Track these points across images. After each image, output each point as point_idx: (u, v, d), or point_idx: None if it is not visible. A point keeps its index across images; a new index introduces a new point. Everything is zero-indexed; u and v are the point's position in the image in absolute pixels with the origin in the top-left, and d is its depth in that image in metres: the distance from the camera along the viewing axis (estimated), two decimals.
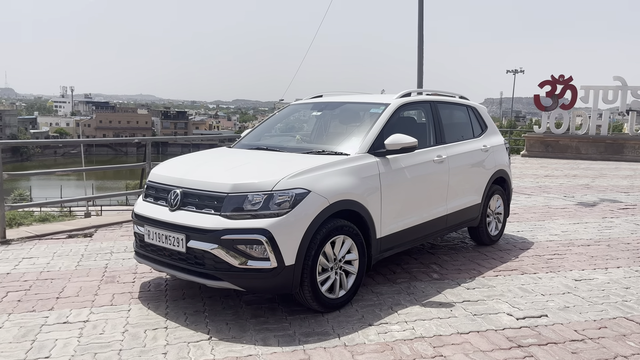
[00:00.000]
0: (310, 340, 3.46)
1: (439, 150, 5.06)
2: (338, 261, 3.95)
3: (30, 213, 12.08)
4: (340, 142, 4.55)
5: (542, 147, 18.51)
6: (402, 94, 5.01)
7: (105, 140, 9.32)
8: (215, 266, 3.61)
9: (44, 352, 3.26)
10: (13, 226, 7.22)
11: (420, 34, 11.42)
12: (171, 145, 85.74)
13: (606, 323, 3.86)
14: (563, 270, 5.09)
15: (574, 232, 6.73)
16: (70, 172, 50.68)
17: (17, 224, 7.58)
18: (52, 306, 3.98)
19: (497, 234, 6.09)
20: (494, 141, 6.00)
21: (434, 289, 4.49)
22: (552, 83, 18.54)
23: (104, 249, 5.60)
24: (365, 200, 4.11)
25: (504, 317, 3.91)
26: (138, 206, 4.22)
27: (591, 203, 9.00)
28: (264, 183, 3.67)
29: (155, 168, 4.44)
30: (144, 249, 4.10)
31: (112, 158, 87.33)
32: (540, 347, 3.43)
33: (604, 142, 17.88)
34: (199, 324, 3.69)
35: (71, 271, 4.82)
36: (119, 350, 3.28)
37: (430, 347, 3.39)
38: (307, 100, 5.58)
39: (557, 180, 12.04)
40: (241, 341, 3.43)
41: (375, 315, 3.88)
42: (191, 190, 3.84)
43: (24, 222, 7.99)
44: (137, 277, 4.68)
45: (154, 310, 3.93)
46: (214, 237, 3.56)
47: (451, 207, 5.18)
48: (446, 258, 5.43)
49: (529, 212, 8.07)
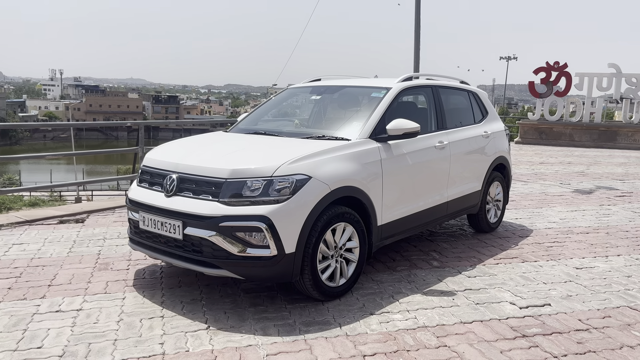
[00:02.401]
0: (311, 329, 3.38)
1: (440, 136, 4.96)
2: (339, 249, 3.86)
3: (19, 197, 11.90)
4: (341, 127, 4.43)
5: (535, 134, 18.47)
6: (403, 78, 4.88)
7: (96, 124, 9.11)
8: (213, 254, 3.51)
9: (36, 342, 3.15)
10: (2, 211, 7.06)
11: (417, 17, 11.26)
12: (162, 130, 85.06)
13: (610, 312, 3.80)
14: (564, 258, 5.04)
15: (572, 220, 6.68)
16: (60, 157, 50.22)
17: (6, 208, 7.43)
18: (44, 294, 3.87)
19: (496, 221, 6.02)
20: (495, 127, 5.91)
21: (434, 277, 4.42)
22: (547, 70, 18.45)
23: (96, 235, 5.47)
24: (367, 187, 4.00)
25: (507, 306, 3.85)
26: (132, 191, 4.09)
27: (587, 190, 8.97)
28: (264, 168, 3.55)
29: (150, 152, 4.31)
30: (138, 235, 3.98)
31: (102, 142, 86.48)
32: (545, 337, 3.38)
33: (597, 129, 17.87)
34: (197, 312, 3.60)
35: (63, 258, 4.70)
36: (114, 340, 3.18)
37: (433, 337, 3.32)
38: (305, 84, 5.44)
39: (552, 167, 12.01)
40: (240, 331, 3.34)
41: (377, 304, 3.80)
42: (188, 175, 3.72)
43: (14, 206, 7.83)
44: (131, 264, 4.56)
45: (149, 299, 3.82)
46: (212, 223, 3.45)
47: (452, 194, 5.09)
48: (445, 245, 5.36)
49: (526, 199, 8.01)
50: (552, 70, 18.41)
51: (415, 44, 11.34)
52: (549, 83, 18.46)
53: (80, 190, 25.60)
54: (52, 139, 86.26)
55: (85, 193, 25.56)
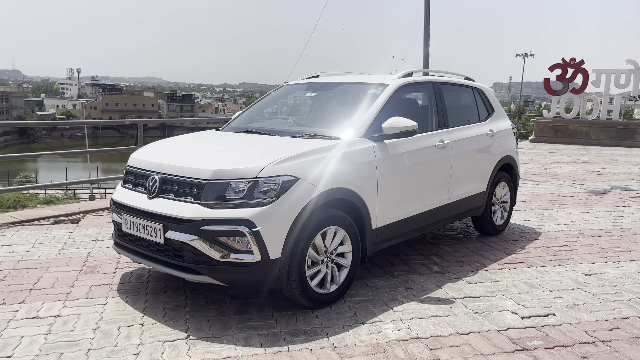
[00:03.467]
0: (296, 340, 3.19)
1: (441, 134, 4.73)
2: (329, 254, 3.66)
3: (35, 195, 11.93)
4: (334, 126, 4.23)
5: (551, 132, 18.05)
6: (402, 74, 4.67)
7: (95, 122, 9.14)
8: (194, 259, 3.34)
9: (7, 350, 3.01)
10: (18, 208, 7.02)
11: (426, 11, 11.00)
12: (178, 128, 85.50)
13: (619, 323, 3.56)
14: (572, 264, 4.78)
15: (583, 222, 6.40)
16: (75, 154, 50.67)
17: (22, 206, 7.38)
18: (23, 299, 3.73)
19: (503, 223, 5.77)
20: (501, 125, 5.65)
21: (433, 283, 4.21)
22: (563, 66, 18.00)
23: (88, 236, 5.34)
24: (360, 189, 3.80)
25: (508, 315, 3.62)
26: (116, 193, 3.94)
27: (602, 191, 8.65)
28: (248, 169, 3.37)
29: (135, 152, 4.15)
30: (122, 238, 3.83)
31: (118, 140, 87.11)
32: (546, 350, 3.15)
33: (615, 127, 17.39)
34: (178, 320, 3.43)
35: (50, 260, 4.57)
36: (88, 349, 3.03)
37: (426, 350, 3.11)
38: (302, 81, 5.24)
39: (566, 166, 11.67)
40: (221, 340, 3.17)
41: (369, 313, 3.60)
42: (170, 176, 3.55)
43: (29, 204, 7.80)
44: (119, 268, 4.42)
45: (131, 305, 3.66)
46: (193, 227, 3.28)
47: (454, 195, 4.86)
48: (448, 249, 5.13)
49: (536, 200, 7.73)
50: (568, 67, 17.96)
51: (425, 39, 11.08)
52: (564, 80, 18.01)
53: (94, 188, 25.75)
54: (70, 137, 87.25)
55: (98, 191, 25.68)
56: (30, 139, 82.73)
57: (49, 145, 75.62)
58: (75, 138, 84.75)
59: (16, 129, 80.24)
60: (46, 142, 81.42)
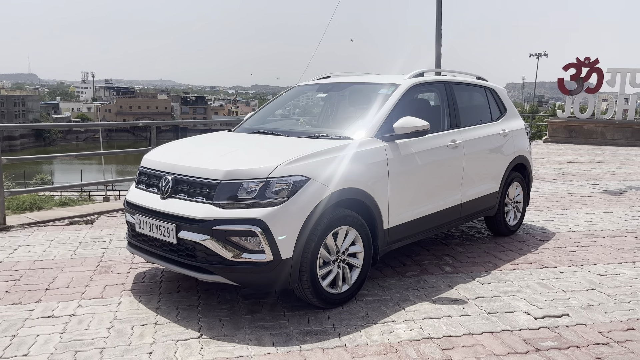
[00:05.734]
0: (307, 339, 3.20)
1: (453, 134, 4.71)
2: (341, 254, 3.67)
3: (50, 197, 12.08)
4: (345, 126, 4.24)
5: (565, 132, 17.87)
6: (414, 74, 4.66)
7: (109, 125, 9.25)
8: (207, 259, 3.36)
9: (23, 349, 3.05)
10: (34, 210, 7.12)
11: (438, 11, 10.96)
12: (191, 130, 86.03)
13: (634, 324, 3.51)
14: (587, 264, 4.73)
15: (598, 222, 6.33)
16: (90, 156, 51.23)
17: (38, 207, 7.48)
18: (39, 298, 3.78)
19: (516, 223, 5.73)
20: (514, 125, 5.61)
21: (445, 283, 4.19)
22: (577, 66, 17.82)
23: (103, 237, 5.40)
24: (371, 189, 3.80)
25: (521, 316, 3.60)
26: (130, 193, 3.99)
27: (617, 191, 8.54)
28: (260, 169, 3.39)
29: (148, 153, 4.19)
30: (135, 239, 3.87)
31: (132, 143, 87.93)
32: (560, 351, 3.12)
33: (630, 127, 17.17)
34: (191, 319, 3.46)
35: (65, 260, 4.63)
36: (102, 348, 3.06)
37: (438, 350, 3.10)
38: (313, 81, 5.26)
39: (580, 166, 11.55)
40: (233, 340, 3.18)
41: (381, 313, 3.60)
42: (183, 176, 3.58)
43: (44, 206, 7.89)
44: (132, 268, 4.46)
45: (145, 304, 3.70)
46: (205, 227, 3.31)
47: (466, 195, 4.84)
48: (460, 249, 5.11)
49: (550, 200, 7.66)
50: (582, 67, 17.77)
51: (437, 39, 11.04)
52: (579, 80, 17.82)
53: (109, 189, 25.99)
54: (85, 139, 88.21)
55: (113, 193, 25.92)
56: (46, 141, 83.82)
57: (65, 148, 76.55)
58: (90, 140, 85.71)
59: (32, 132, 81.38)
60: (61, 145, 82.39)
